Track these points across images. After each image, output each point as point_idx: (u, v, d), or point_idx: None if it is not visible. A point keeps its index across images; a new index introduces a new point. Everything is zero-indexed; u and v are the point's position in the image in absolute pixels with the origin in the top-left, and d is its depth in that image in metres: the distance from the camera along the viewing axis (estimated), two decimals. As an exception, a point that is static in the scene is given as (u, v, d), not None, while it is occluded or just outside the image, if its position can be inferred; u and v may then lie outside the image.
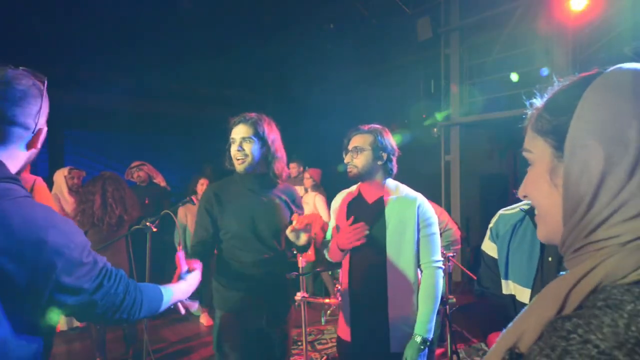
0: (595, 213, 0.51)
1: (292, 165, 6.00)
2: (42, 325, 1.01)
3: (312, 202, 5.06)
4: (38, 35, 5.78)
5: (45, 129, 1.14)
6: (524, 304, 1.22)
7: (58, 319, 1.06)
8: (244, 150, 2.03)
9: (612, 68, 0.56)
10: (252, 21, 6.98)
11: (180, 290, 1.43)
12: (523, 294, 1.23)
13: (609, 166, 0.50)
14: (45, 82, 1.13)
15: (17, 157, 1.09)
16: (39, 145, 1.13)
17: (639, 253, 0.45)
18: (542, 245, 1.21)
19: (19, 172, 1.13)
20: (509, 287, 1.29)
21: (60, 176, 4.71)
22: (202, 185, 4.69)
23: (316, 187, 5.26)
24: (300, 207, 2.28)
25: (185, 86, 7.89)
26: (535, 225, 1.22)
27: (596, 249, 0.50)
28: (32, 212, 0.99)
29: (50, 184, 4.08)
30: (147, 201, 4.79)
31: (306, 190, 5.31)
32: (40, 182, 3.19)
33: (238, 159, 2.04)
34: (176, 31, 6.42)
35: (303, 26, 7.37)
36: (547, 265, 1.18)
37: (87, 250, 1.07)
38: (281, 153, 2.14)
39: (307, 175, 5.30)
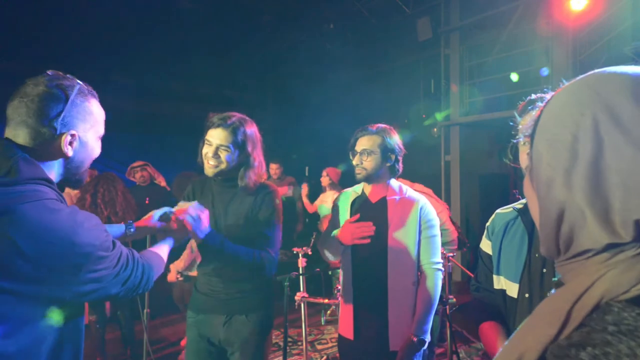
0: (565, 223, 0.50)
1: (273, 165, 5.78)
2: (64, 317, 1.04)
3: (329, 200, 5.09)
4: (38, 35, 5.79)
5: (78, 136, 1.12)
6: (513, 299, 1.27)
7: (80, 310, 1.12)
8: (219, 157, 1.91)
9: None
10: (252, 21, 6.98)
11: (165, 248, 1.50)
12: (512, 289, 1.29)
13: (552, 173, 0.50)
14: (78, 86, 1.13)
15: (50, 164, 1.10)
16: (67, 151, 1.11)
17: (637, 268, 0.45)
18: (530, 243, 1.27)
19: (61, 179, 1.14)
20: (500, 282, 1.34)
21: None
22: None
23: (334, 186, 5.31)
24: (270, 206, 2.09)
25: (185, 86, 7.90)
26: (525, 223, 1.28)
27: (584, 258, 0.49)
28: (55, 214, 1.00)
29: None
30: (147, 201, 4.78)
31: (325, 190, 5.40)
32: None
33: (211, 164, 1.92)
34: (176, 31, 6.42)
35: (303, 26, 7.37)
36: (534, 261, 1.24)
37: (110, 241, 1.11)
38: (259, 160, 2.01)
39: (324, 173, 5.40)
